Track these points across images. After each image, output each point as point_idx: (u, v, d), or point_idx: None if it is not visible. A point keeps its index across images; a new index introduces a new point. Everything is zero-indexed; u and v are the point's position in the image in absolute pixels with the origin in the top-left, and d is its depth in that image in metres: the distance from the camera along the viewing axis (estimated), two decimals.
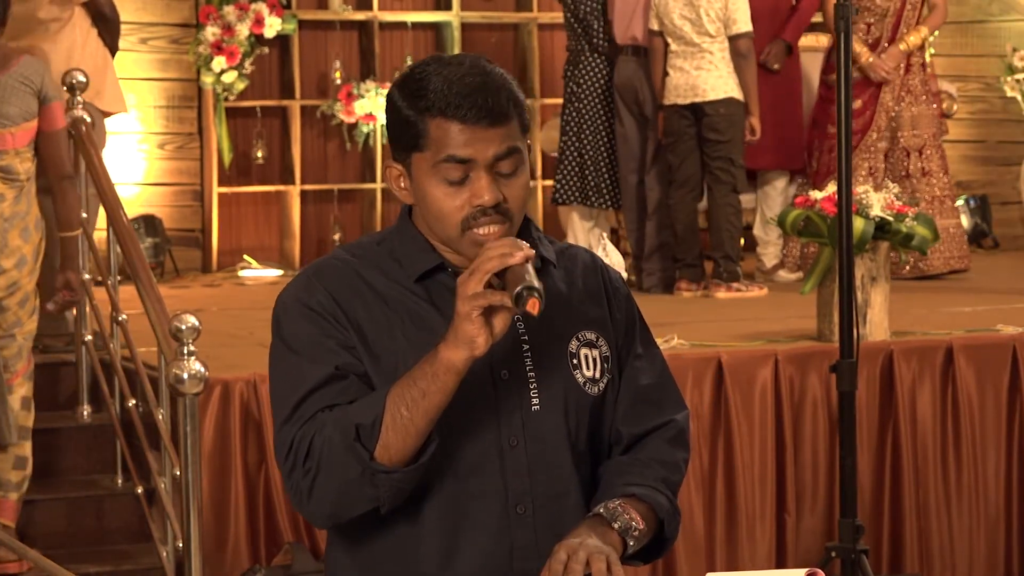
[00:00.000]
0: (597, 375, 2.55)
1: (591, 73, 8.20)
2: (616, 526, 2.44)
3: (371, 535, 2.50)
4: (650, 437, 2.60)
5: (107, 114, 6.39)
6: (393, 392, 2.37)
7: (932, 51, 10.18)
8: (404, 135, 2.46)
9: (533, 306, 2.28)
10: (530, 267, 2.32)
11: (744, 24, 7.76)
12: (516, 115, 2.46)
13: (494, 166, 2.43)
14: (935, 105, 8.61)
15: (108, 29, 6.34)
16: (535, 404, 2.49)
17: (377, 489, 2.38)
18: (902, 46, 8.36)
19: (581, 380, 2.53)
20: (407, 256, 2.52)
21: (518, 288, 2.29)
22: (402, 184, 2.51)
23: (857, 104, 8.33)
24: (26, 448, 5.33)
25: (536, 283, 2.30)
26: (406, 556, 2.49)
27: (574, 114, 8.23)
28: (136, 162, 9.24)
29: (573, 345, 2.54)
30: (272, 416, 2.52)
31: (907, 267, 8.22)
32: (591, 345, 2.55)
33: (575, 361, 2.53)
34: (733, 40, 7.75)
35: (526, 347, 2.50)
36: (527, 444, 2.48)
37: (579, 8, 8.17)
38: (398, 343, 2.46)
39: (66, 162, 5.44)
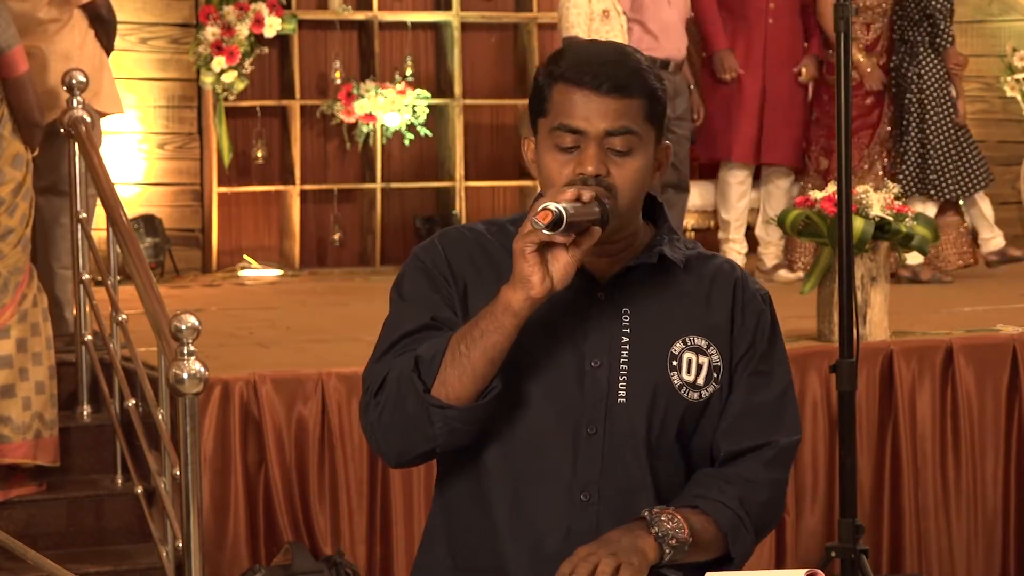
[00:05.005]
0: (701, 382, 2.52)
1: (931, 69, 8.26)
2: (653, 531, 2.42)
3: (455, 504, 2.55)
4: (746, 456, 2.55)
5: (103, 114, 6.39)
6: (457, 332, 2.42)
7: None
8: (534, 101, 2.50)
9: (544, 217, 2.30)
10: (587, 201, 2.33)
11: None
12: (641, 98, 2.44)
13: (605, 140, 2.43)
14: None
15: (105, 30, 6.33)
16: (621, 396, 2.49)
17: (432, 426, 2.41)
18: None
19: (677, 382, 2.51)
20: None
21: None
22: (530, 156, 2.53)
23: (868, 100, 8.34)
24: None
25: (563, 205, 2.30)
26: (481, 527, 2.52)
27: (916, 105, 8.26)
28: (136, 162, 9.23)
29: (677, 347, 2.52)
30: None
31: (922, 269, 8.24)
32: (699, 351, 2.53)
33: (675, 363, 2.51)
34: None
35: (625, 339, 2.50)
36: (605, 434, 2.48)
37: (929, 4, 8.23)
38: None
39: (33, 110, 5.49)
